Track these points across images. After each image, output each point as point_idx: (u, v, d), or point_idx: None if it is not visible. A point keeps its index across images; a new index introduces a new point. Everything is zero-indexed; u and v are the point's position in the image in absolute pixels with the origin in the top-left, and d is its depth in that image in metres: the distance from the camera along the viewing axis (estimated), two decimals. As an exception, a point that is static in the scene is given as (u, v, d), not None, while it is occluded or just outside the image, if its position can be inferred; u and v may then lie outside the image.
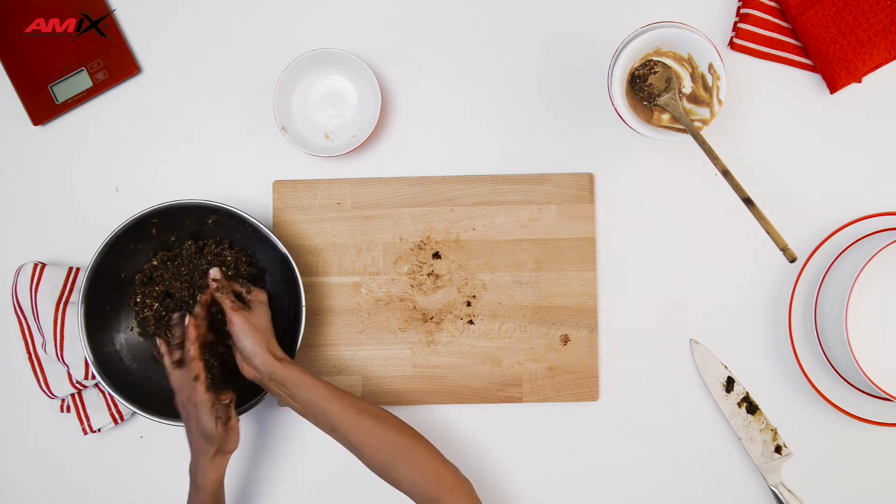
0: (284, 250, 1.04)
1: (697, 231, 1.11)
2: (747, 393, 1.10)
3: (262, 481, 1.11)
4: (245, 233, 1.07)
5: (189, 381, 0.99)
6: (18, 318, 1.10)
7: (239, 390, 1.08)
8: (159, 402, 1.04)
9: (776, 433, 1.09)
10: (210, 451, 0.98)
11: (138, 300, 1.08)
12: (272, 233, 1.04)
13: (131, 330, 1.09)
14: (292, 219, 1.11)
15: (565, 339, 1.10)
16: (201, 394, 0.98)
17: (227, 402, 0.99)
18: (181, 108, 1.12)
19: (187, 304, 1.09)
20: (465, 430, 1.11)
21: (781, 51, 1.10)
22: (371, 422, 0.97)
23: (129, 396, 1.04)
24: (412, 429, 0.99)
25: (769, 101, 1.11)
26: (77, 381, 1.08)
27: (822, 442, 1.10)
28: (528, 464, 1.11)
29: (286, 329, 1.06)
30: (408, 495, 0.96)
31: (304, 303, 1.04)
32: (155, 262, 1.08)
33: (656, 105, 1.03)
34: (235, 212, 1.04)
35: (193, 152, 1.12)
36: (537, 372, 1.10)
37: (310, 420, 0.99)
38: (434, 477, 0.96)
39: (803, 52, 1.10)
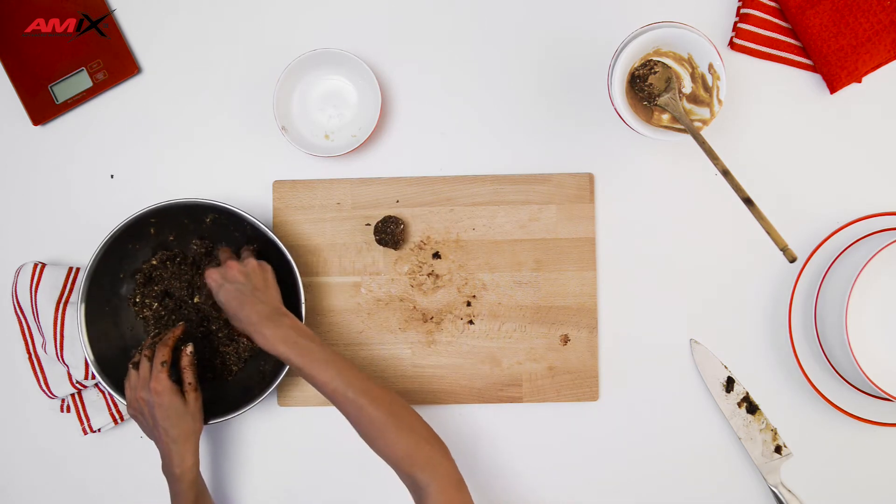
0: (284, 248, 1.04)
1: (697, 231, 1.11)
2: (747, 393, 1.10)
3: (256, 483, 1.11)
4: (244, 232, 1.07)
5: (144, 377, 0.99)
6: (18, 318, 1.10)
7: (237, 394, 1.08)
8: None
9: (776, 433, 1.09)
10: (185, 429, 0.98)
11: (137, 300, 1.08)
12: (271, 231, 1.04)
13: (131, 330, 1.09)
14: (292, 219, 1.11)
15: (565, 339, 1.10)
16: (164, 379, 0.98)
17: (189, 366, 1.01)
18: (181, 108, 1.12)
19: (186, 303, 1.09)
20: (465, 430, 1.11)
21: (781, 51, 1.10)
22: (366, 400, 0.95)
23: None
24: (398, 404, 0.97)
25: (769, 101, 1.11)
26: (77, 381, 1.08)
27: (822, 442, 1.10)
28: (527, 464, 1.11)
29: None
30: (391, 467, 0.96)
31: (304, 303, 1.04)
32: (154, 262, 1.08)
33: (656, 105, 1.03)
34: (234, 210, 1.04)
35: (193, 152, 1.12)
36: (537, 372, 1.10)
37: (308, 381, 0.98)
38: (407, 455, 0.94)
39: (803, 52, 1.10)
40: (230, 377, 1.09)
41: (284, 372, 1.03)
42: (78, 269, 1.10)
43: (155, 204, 1.04)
